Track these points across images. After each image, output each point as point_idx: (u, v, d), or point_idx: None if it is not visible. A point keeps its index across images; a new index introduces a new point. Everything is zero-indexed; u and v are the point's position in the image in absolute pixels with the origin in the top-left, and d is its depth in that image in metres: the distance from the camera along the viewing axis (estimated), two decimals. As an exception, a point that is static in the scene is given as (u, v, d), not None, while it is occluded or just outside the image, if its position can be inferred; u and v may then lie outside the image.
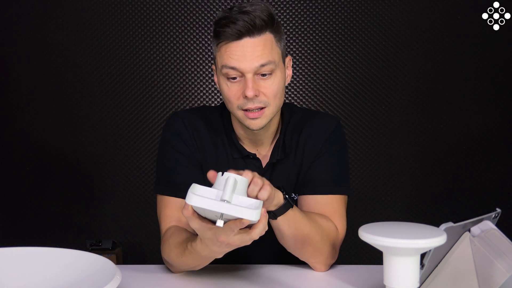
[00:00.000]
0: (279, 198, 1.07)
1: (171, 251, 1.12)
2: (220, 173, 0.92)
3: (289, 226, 1.12)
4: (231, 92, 1.14)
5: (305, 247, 1.17)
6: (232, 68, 1.11)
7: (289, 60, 1.22)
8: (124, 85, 2.57)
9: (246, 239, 0.90)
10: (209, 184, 1.22)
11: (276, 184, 1.24)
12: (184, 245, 1.06)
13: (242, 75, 1.12)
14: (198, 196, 0.85)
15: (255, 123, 1.15)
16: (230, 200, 0.87)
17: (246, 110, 1.14)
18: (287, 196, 1.08)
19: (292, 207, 1.09)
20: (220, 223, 0.85)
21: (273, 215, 1.09)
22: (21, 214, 2.61)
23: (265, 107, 1.14)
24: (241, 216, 0.84)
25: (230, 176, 0.90)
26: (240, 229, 0.88)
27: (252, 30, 1.09)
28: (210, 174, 0.96)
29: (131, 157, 2.58)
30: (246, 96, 1.11)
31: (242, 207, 0.85)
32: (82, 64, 2.56)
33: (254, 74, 1.12)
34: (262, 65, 1.11)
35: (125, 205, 2.59)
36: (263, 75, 1.12)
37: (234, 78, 1.13)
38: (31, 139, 2.58)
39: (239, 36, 1.10)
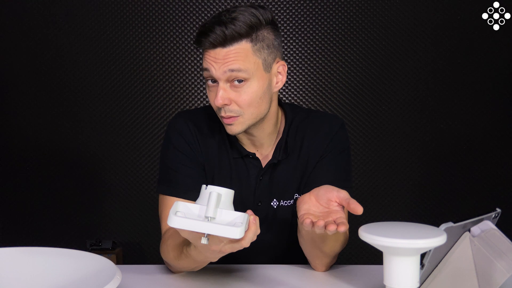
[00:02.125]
0: None
1: (169, 253, 1.13)
2: (204, 186, 0.91)
3: (314, 238, 1.12)
4: (210, 96, 1.16)
5: (317, 254, 1.17)
6: (206, 69, 1.13)
7: (281, 65, 1.18)
8: (125, 85, 2.57)
9: (237, 247, 0.90)
10: (210, 182, 1.23)
11: (278, 184, 1.24)
12: (180, 248, 1.06)
13: (217, 81, 1.13)
14: (180, 218, 0.84)
15: (230, 128, 1.16)
16: (214, 215, 0.87)
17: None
18: None
19: None
20: (204, 240, 0.86)
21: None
22: (21, 214, 2.61)
23: (237, 116, 1.14)
24: (224, 236, 0.84)
25: (213, 191, 0.88)
26: None
27: (222, 42, 1.09)
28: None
29: (131, 157, 2.58)
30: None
31: (225, 226, 0.84)
32: (83, 64, 2.56)
33: (227, 82, 1.12)
34: (232, 70, 1.10)
35: (125, 205, 2.59)
36: (239, 81, 1.11)
37: (213, 82, 1.14)
38: (31, 139, 2.59)
39: (213, 46, 1.11)
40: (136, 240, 2.60)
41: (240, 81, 1.11)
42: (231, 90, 1.12)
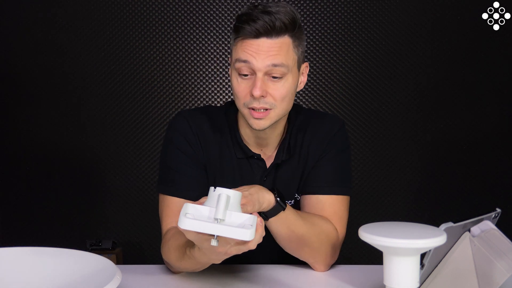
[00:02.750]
0: (269, 200, 1.08)
1: (170, 253, 1.13)
2: (212, 188, 0.91)
3: (282, 227, 1.13)
4: (240, 88, 1.14)
5: (301, 248, 1.17)
6: (244, 61, 1.11)
7: (305, 66, 1.21)
8: (125, 85, 2.57)
9: (243, 249, 0.90)
10: (211, 182, 1.23)
11: (280, 184, 1.24)
12: (183, 249, 1.06)
13: (253, 72, 1.11)
14: (190, 220, 0.85)
15: (258, 123, 1.15)
16: (224, 217, 0.87)
17: (252, 108, 1.14)
18: (278, 198, 1.09)
19: (283, 209, 1.10)
20: (214, 242, 0.86)
21: (264, 216, 1.10)
22: (21, 214, 2.61)
23: (270, 109, 1.14)
24: (235, 237, 0.84)
25: (222, 193, 0.88)
26: None
27: (270, 31, 1.09)
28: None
29: (131, 157, 2.58)
30: (253, 95, 1.11)
31: (235, 228, 0.84)
32: (83, 64, 2.56)
33: (265, 74, 1.11)
34: (274, 65, 1.10)
35: (125, 205, 2.59)
36: (274, 77, 1.12)
37: (246, 75, 1.13)
38: (31, 139, 2.58)
39: (257, 35, 1.09)
40: (136, 240, 2.60)
41: (276, 77, 1.12)
42: (269, 83, 1.12)
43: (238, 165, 1.24)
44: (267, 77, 1.12)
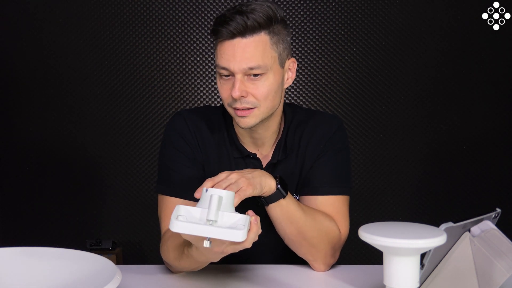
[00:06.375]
0: (270, 186, 1.09)
1: (169, 253, 1.13)
2: (205, 188, 0.91)
3: (281, 216, 1.14)
4: (223, 89, 1.16)
5: (300, 241, 1.17)
6: (223, 68, 1.12)
7: (291, 62, 1.21)
8: (125, 85, 2.57)
9: (239, 248, 0.91)
10: None
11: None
12: (181, 248, 1.06)
13: (233, 74, 1.12)
14: (181, 222, 0.85)
15: (244, 121, 1.15)
16: (216, 218, 0.87)
17: (235, 108, 1.15)
18: (279, 186, 1.10)
19: (284, 197, 1.12)
20: (207, 244, 0.86)
21: (264, 201, 1.12)
22: (21, 214, 2.61)
23: (254, 108, 1.14)
24: (227, 239, 0.84)
25: (214, 194, 0.89)
26: None
27: (243, 31, 1.09)
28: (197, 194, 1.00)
29: (131, 157, 2.58)
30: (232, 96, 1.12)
31: (227, 229, 0.85)
32: (83, 64, 2.56)
33: (244, 75, 1.12)
34: (251, 68, 1.11)
35: (125, 205, 2.59)
36: (255, 75, 1.12)
37: (227, 76, 1.14)
38: (31, 139, 2.59)
39: (232, 36, 1.10)
40: (136, 240, 2.60)
41: (256, 74, 1.12)
42: (248, 83, 1.12)
43: (235, 165, 1.24)
44: (247, 76, 1.12)
